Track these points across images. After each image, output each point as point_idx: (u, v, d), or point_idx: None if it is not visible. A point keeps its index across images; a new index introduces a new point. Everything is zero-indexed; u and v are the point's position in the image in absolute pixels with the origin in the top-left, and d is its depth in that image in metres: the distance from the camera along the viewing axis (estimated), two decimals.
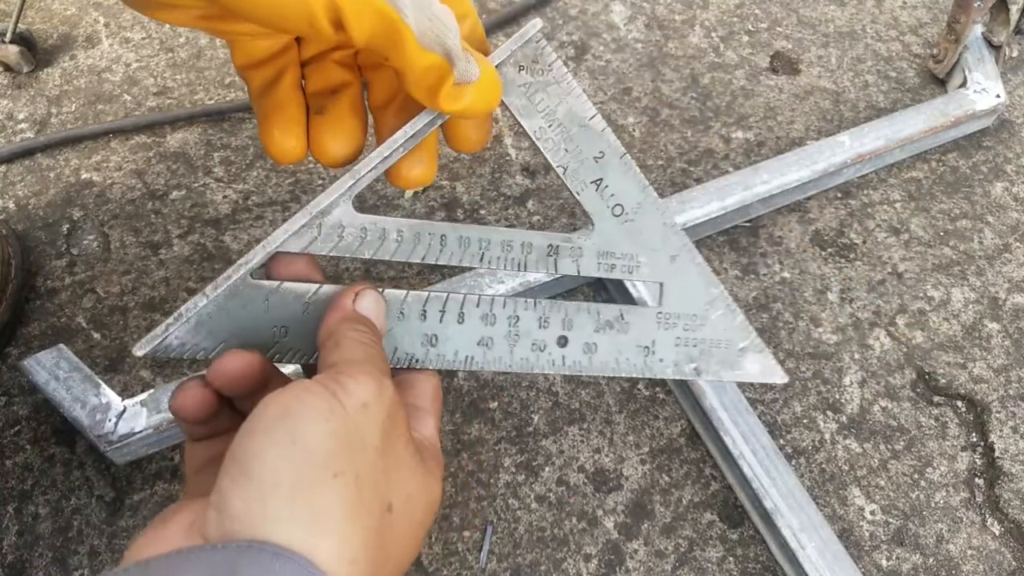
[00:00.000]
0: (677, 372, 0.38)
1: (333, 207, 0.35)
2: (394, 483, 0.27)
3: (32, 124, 0.86)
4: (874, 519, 0.63)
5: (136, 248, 0.77)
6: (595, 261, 0.37)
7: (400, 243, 0.36)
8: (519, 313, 0.36)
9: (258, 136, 0.35)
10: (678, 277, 0.38)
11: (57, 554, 0.60)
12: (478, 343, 0.36)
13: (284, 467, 0.24)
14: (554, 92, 0.36)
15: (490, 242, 0.36)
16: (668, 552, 0.61)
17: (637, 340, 0.37)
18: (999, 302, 0.75)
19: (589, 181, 0.37)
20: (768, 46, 0.96)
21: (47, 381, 0.61)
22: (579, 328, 0.37)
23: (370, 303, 0.33)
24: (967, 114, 0.84)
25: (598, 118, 0.37)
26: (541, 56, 0.36)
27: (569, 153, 0.37)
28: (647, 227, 0.37)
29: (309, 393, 0.26)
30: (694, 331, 0.38)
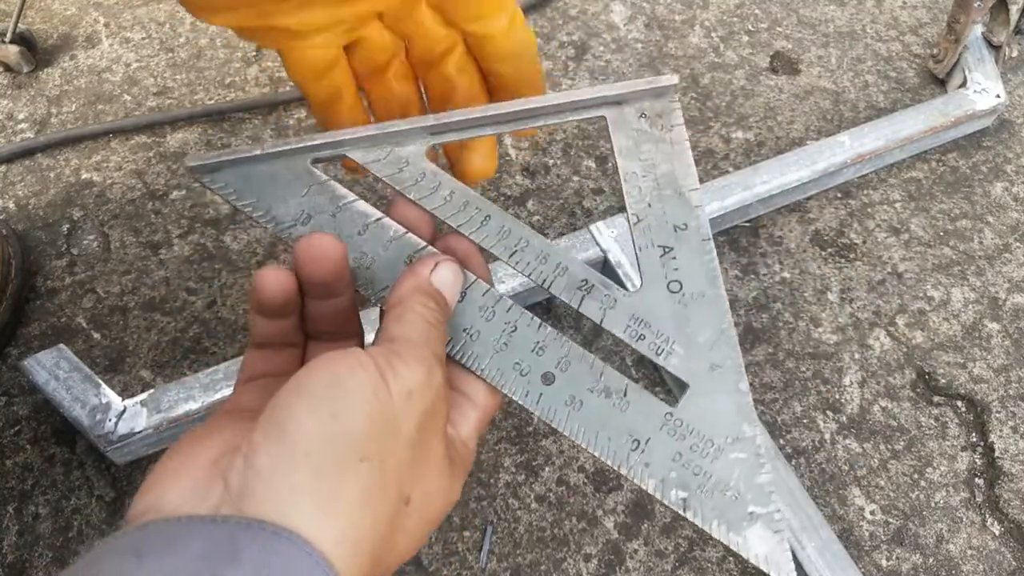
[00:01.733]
0: (659, 490, 0.31)
1: (408, 141, 0.35)
2: (418, 477, 0.27)
3: (32, 124, 0.86)
4: (874, 519, 0.63)
5: (136, 248, 0.77)
6: (625, 321, 0.34)
7: (447, 202, 0.35)
8: (518, 324, 0.33)
9: None
10: (710, 390, 0.33)
11: (57, 554, 0.60)
12: (464, 329, 0.33)
13: (317, 439, 0.24)
14: (664, 150, 0.35)
15: (528, 244, 0.35)
16: (668, 552, 0.61)
17: (631, 427, 0.32)
18: (999, 302, 0.75)
19: (658, 244, 0.34)
20: (768, 46, 0.96)
21: (47, 381, 0.61)
22: (573, 376, 0.33)
23: (447, 276, 0.32)
24: (967, 114, 0.84)
25: (698, 194, 0.35)
26: (667, 114, 0.35)
27: (651, 208, 0.35)
28: (700, 320, 0.34)
29: (361, 368, 0.26)
30: (702, 458, 0.32)
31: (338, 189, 0.35)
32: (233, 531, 0.22)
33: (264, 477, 0.23)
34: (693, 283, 0.34)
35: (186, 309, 0.72)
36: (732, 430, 0.33)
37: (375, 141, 0.35)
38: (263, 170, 0.35)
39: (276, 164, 0.35)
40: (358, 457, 0.24)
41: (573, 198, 0.81)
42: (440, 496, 0.29)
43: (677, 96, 0.36)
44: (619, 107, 0.36)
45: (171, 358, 0.69)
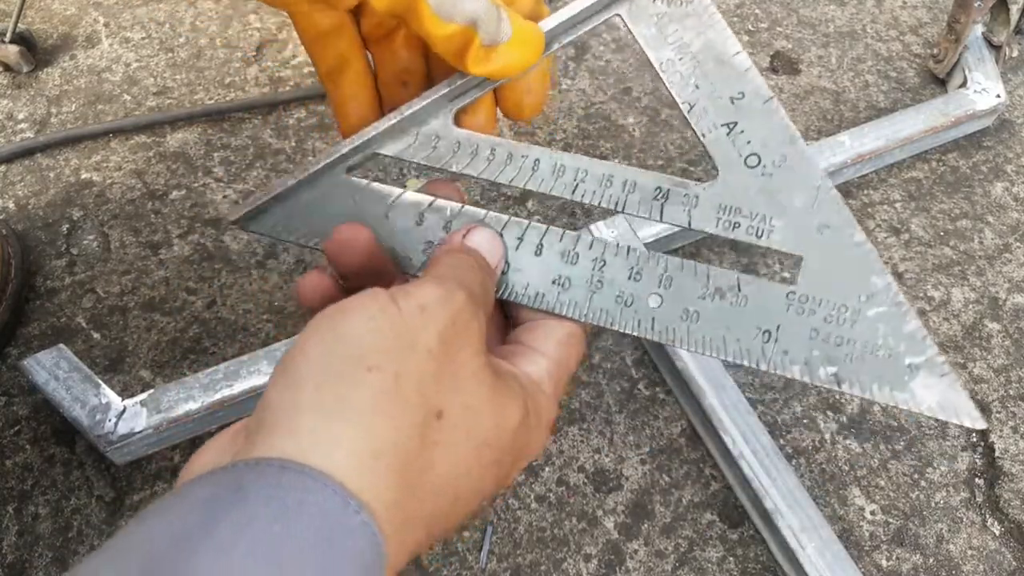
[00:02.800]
0: (807, 373, 0.30)
1: (431, 116, 0.34)
2: (449, 391, 0.25)
3: (32, 124, 0.86)
4: (874, 519, 0.63)
5: (136, 248, 0.77)
6: (714, 215, 0.31)
7: (491, 161, 0.34)
8: (606, 257, 0.32)
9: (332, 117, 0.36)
10: (827, 254, 0.31)
11: (57, 554, 0.60)
12: (553, 281, 0.32)
13: (318, 359, 0.23)
14: (692, 24, 0.32)
15: (588, 173, 0.33)
16: (668, 552, 0.61)
17: (757, 320, 0.30)
18: (999, 302, 0.75)
19: (720, 123, 0.32)
20: (768, 46, 0.96)
21: (47, 381, 0.61)
22: (679, 290, 0.31)
23: (480, 237, 0.32)
24: (967, 114, 0.84)
25: (743, 56, 0.32)
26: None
27: (700, 90, 0.32)
28: (791, 185, 0.31)
29: (369, 296, 0.25)
30: (839, 326, 0.30)
31: (382, 189, 0.35)
32: (240, 473, 0.21)
33: (273, 409, 0.23)
34: (770, 150, 0.32)
35: (186, 309, 0.72)
36: (862, 287, 0.31)
37: (400, 128, 0.34)
38: (303, 199, 0.34)
39: (313, 188, 0.34)
40: (364, 367, 0.23)
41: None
42: (487, 413, 0.26)
43: None
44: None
45: (171, 358, 0.69)
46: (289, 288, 0.74)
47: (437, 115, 0.34)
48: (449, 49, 0.31)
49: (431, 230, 0.34)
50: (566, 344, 0.31)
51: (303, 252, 0.76)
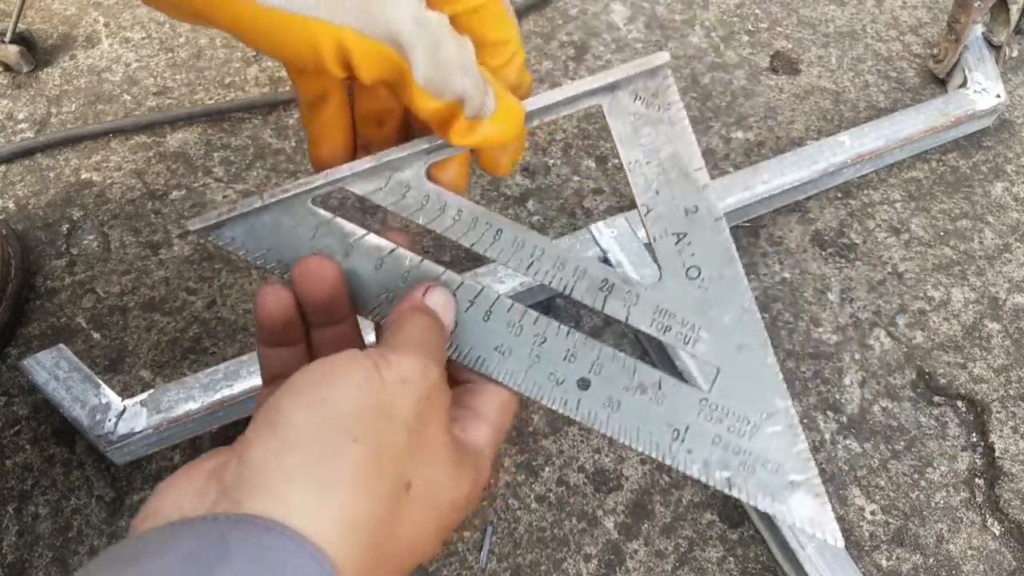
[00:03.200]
0: (704, 474, 0.32)
1: (406, 165, 0.35)
2: (418, 463, 0.27)
3: (32, 124, 0.86)
4: (874, 519, 0.63)
5: (136, 248, 0.77)
6: (650, 315, 0.34)
7: (456, 222, 0.35)
8: (547, 335, 0.33)
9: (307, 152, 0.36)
10: (740, 370, 0.33)
11: (57, 554, 0.60)
12: (495, 348, 0.33)
13: (307, 425, 0.24)
14: (664, 132, 0.35)
15: (544, 252, 0.34)
16: (668, 552, 0.61)
17: (669, 419, 0.33)
18: (999, 302, 0.75)
19: (671, 232, 0.35)
20: (768, 46, 0.96)
21: (47, 381, 0.61)
22: (607, 378, 0.33)
23: (439, 299, 0.33)
24: (967, 114, 0.84)
25: (704, 172, 0.35)
26: (663, 92, 0.35)
27: (659, 196, 0.35)
28: (722, 302, 0.34)
29: (353, 360, 0.26)
30: (739, 437, 0.33)
31: (345, 226, 0.35)
32: (223, 528, 0.22)
33: (256, 468, 0.23)
34: (710, 266, 0.34)
35: (186, 309, 0.72)
36: (765, 405, 0.33)
37: (373, 171, 0.35)
38: (266, 220, 0.35)
39: (277, 212, 0.35)
40: (350, 438, 0.24)
41: (573, 198, 0.81)
42: (447, 485, 0.28)
43: (670, 73, 0.35)
44: (613, 93, 0.35)
45: (171, 358, 0.69)
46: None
47: (412, 165, 0.35)
48: (434, 121, 0.32)
49: (389, 278, 0.35)
50: (505, 411, 0.33)
51: None
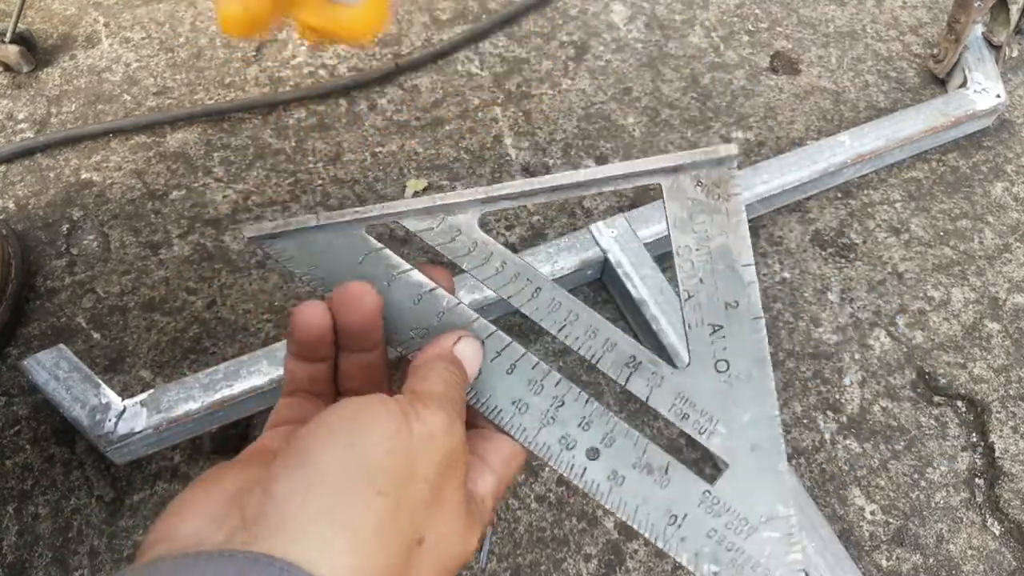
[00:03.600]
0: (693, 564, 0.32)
1: (460, 211, 0.36)
2: (433, 520, 0.27)
3: (32, 124, 0.86)
4: (874, 519, 0.63)
5: (136, 248, 0.77)
6: (670, 400, 0.34)
7: (498, 273, 0.35)
8: (566, 399, 0.34)
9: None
10: (750, 470, 0.34)
11: (57, 554, 0.60)
12: (513, 402, 0.34)
13: (334, 469, 0.24)
14: (719, 222, 0.35)
15: (578, 318, 0.35)
16: None
17: (669, 504, 0.33)
18: (999, 302, 0.75)
19: (708, 322, 0.35)
20: (768, 46, 0.96)
21: (47, 381, 0.61)
22: (616, 452, 0.33)
23: (469, 349, 0.33)
24: (967, 114, 0.84)
25: (752, 270, 0.35)
26: (726, 184, 0.35)
27: (703, 284, 0.35)
28: (744, 401, 0.34)
29: (384, 408, 0.27)
30: (736, 535, 0.33)
31: (392, 258, 0.36)
32: (241, 567, 0.22)
33: (280, 505, 0.24)
34: (741, 363, 0.34)
35: (186, 309, 0.72)
36: (767, 509, 0.33)
37: (429, 211, 0.36)
38: (319, 239, 0.36)
39: (331, 234, 0.36)
40: (375, 490, 0.25)
41: (573, 198, 0.81)
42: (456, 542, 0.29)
43: (736, 165, 0.35)
44: (675, 175, 0.36)
45: (171, 358, 0.69)
46: (289, 288, 0.74)
47: (466, 211, 0.36)
48: None
49: (424, 315, 0.35)
50: (511, 462, 0.33)
51: None
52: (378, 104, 0.89)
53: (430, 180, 0.82)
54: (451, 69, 0.92)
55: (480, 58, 0.93)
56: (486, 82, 0.91)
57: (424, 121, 0.87)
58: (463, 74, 0.92)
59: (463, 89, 0.90)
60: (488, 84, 0.91)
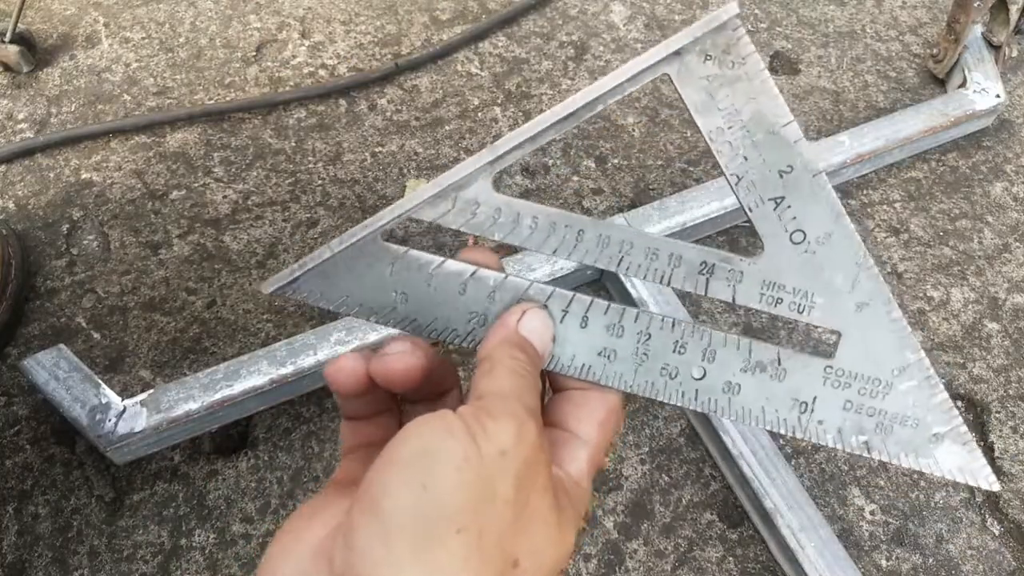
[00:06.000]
0: (840, 441, 0.32)
1: (470, 181, 0.34)
2: (522, 537, 0.26)
3: (32, 124, 0.86)
4: (874, 519, 0.63)
5: (136, 248, 0.77)
6: (757, 291, 0.32)
7: (534, 230, 0.33)
8: (651, 331, 0.33)
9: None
10: (863, 330, 0.32)
11: (57, 554, 0.60)
12: (599, 353, 0.32)
13: (411, 513, 0.24)
14: (742, 89, 0.32)
15: (632, 246, 0.33)
16: (668, 552, 0.61)
17: (793, 392, 0.32)
18: (999, 302, 0.75)
19: (767, 198, 0.32)
20: (768, 46, 0.96)
21: (47, 381, 0.61)
22: (722, 363, 0.32)
23: (535, 321, 0.32)
24: (967, 114, 0.84)
25: (793, 126, 0.32)
26: (735, 46, 0.32)
27: (748, 161, 0.32)
28: (833, 263, 0.32)
29: (450, 435, 0.26)
30: (872, 398, 0.32)
31: (422, 257, 0.34)
32: None
33: (363, 557, 0.24)
34: (815, 226, 0.32)
35: (186, 309, 0.72)
36: (896, 361, 0.32)
37: (439, 196, 0.34)
38: (340, 266, 0.34)
39: (349, 257, 0.34)
40: (454, 529, 0.24)
41: (573, 198, 0.81)
42: (550, 550, 0.27)
43: (740, 24, 0.32)
44: (680, 59, 0.33)
45: (171, 358, 0.69)
46: None
47: (476, 180, 0.34)
48: None
49: (475, 300, 0.33)
50: (606, 424, 0.32)
51: (303, 252, 0.76)
52: (378, 104, 0.89)
53: (430, 180, 0.82)
54: (451, 69, 0.92)
55: (480, 58, 0.93)
56: (486, 82, 0.91)
57: (424, 121, 0.87)
58: (463, 74, 0.92)
59: (463, 89, 0.90)
60: (488, 84, 0.91)
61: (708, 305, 0.73)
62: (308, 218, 0.79)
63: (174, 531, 0.61)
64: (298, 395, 0.65)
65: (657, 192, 0.81)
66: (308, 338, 0.64)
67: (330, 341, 0.63)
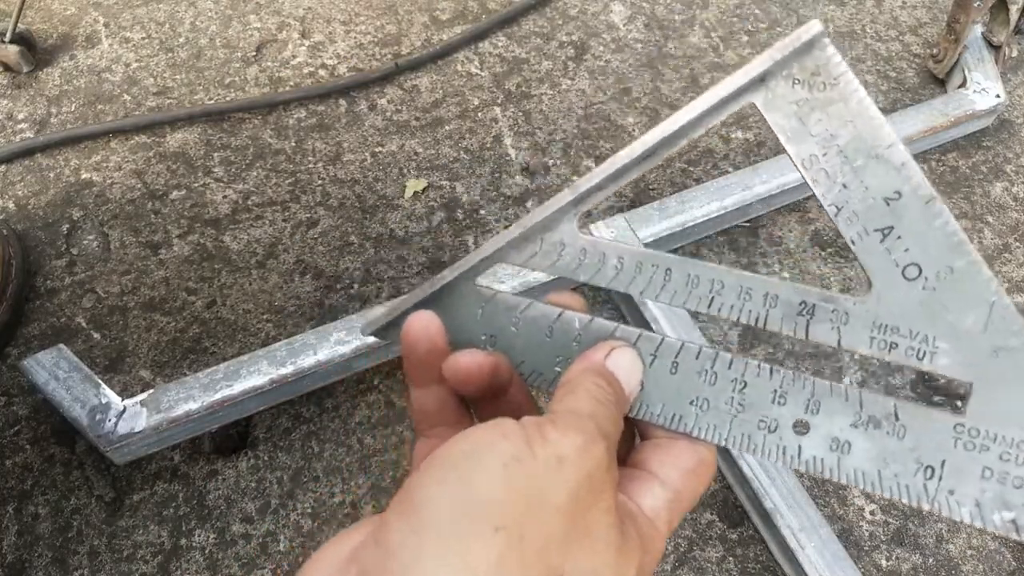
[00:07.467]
0: (976, 518, 0.27)
1: (556, 224, 0.32)
2: (574, 552, 0.24)
3: (32, 124, 0.86)
4: (874, 519, 0.63)
5: (136, 248, 0.77)
6: (867, 334, 0.29)
7: (619, 271, 0.32)
8: (747, 378, 0.30)
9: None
10: (1002, 380, 0.28)
11: (57, 554, 0.60)
12: (691, 402, 0.30)
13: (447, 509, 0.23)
14: (837, 112, 0.30)
15: (724, 285, 0.30)
16: (667, 552, 0.61)
17: (918, 454, 0.28)
18: None
19: (873, 229, 0.29)
20: (768, 46, 0.96)
21: (47, 381, 0.61)
22: (828, 415, 0.29)
23: (624, 360, 0.30)
24: (967, 114, 0.84)
25: (900, 149, 0.28)
26: (826, 67, 0.30)
27: (848, 190, 0.29)
28: (959, 302, 0.28)
29: (502, 437, 0.24)
30: (1018, 465, 0.27)
31: (509, 300, 0.33)
32: None
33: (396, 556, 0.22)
34: (932, 259, 0.28)
35: (186, 309, 0.72)
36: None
37: (525, 237, 0.33)
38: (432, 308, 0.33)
39: (443, 298, 0.33)
40: (492, 526, 0.22)
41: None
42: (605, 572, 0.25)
43: (829, 42, 0.30)
44: (765, 85, 0.31)
45: (171, 358, 0.69)
46: (289, 288, 0.74)
47: (561, 222, 0.32)
48: None
49: (561, 344, 0.32)
50: (693, 474, 0.29)
51: (303, 252, 0.76)
52: (378, 104, 0.89)
53: (430, 180, 0.82)
54: (451, 69, 0.92)
55: (480, 58, 0.93)
56: (486, 82, 0.91)
57: (424, 121, 0.87)
58: (463, 74, 0.92)
59: (463, 89, 0.90)
60: (488, 84, 0.91)
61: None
62: (308, 218, 0.79)
63: (174, 531, 0.61)
64: (298, 395, 0.65)
65: (657, 192, 0.81)
66: (308, 338, 0.64)
67: (330, 341, 0.63)
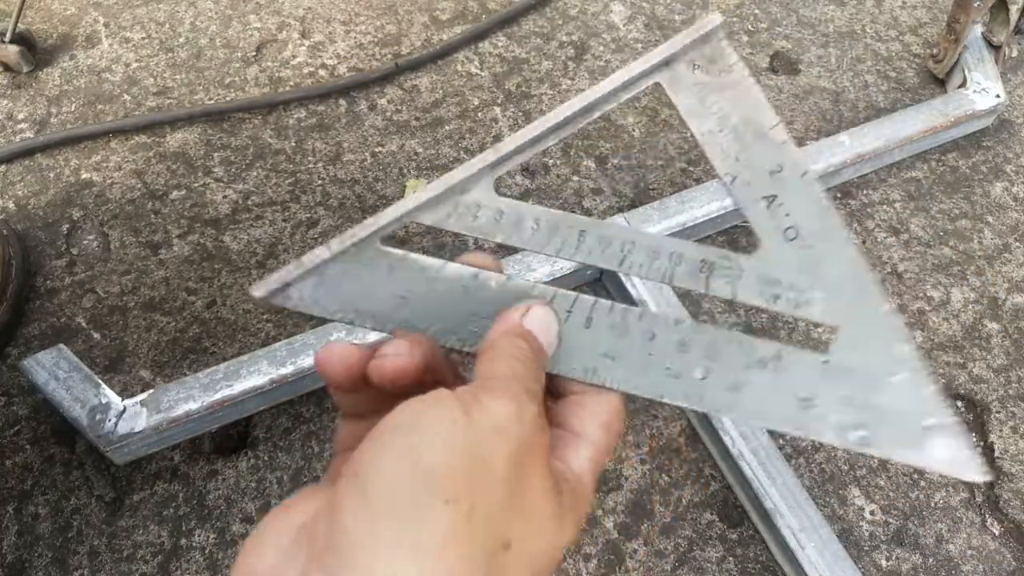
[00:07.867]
0: (839, 438, 0.32)
1: (472, 184, 0.34)
2: (517, 518, 0.25)
3: (32, 124, 0.86)
4: (874, 519, 0.63)
5: (136, 248, 0.77)
6: (756, 287, 0.33)
7: (536, 232, 0.34)
8: (655, 329, 0.32)
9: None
10: (859, 324, 0.33)
11: (57, 554, 0.60)
12: (603, 354, 0.32)
13: (397, 485, 0.23)
14: (730, 96, 0.34)
15: (635, 245, 0.33)
16: (668, 552, 0.61)
17: (795, 388, 0.32)
18: (999, 302, 0.75)
19: (760, 196, 0.33)
20: (768, 46, 0.96)
21: (47, 381, 0.61)
22: (725, 362, 0.32)
23: (538, 317, 0.31)
24: (967, 114, 0.84)
25: (780, 128, 0.33)
26: (720, 56, 0.33)
27: (740, 163, 0.33)
28: (828, 258, 0.33)
29: (442, 405, 0.25)
30: (867, 393, 0.32)
31: (422, 260, 0.33)
32: None
33: (348, 536, 0.23)
34: (808, 223, 0.33)
35: (186, 309, 0.72)
36: (888, 355, 0.32)
37: (439, 198, 0.34)
38: (336, 271, 0.33)
39: (346, 261, 0.33)
40: (442, 499, 0.23)
41: (573, 198, 0.81)
42: (546, 539, 0.26)
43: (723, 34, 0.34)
44: (669, 68, 0.34)
45: (171, 358, 0.69)
46: None
47: (478, 183, 0.34)
48: None
49: (477, 303, 0.33)
50: (609, 426, 0.31)
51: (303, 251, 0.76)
52: (378, 104, 0.89)
53: (430, 180, 0.82)
54: (451, 69, 0.92)
55: (480, 58, 0.93)
56: (486, 82, 0.91)
57: (424, 121, 0.87)
58: (463, 74, 0.92)
59: (463, 89, 0.90)
60: (488, 84, 0.91)
61: (708, 305, 0.73)
62: (308, 218, 0.79)
63: (174, 531, 0.61)
64: (298, 395, 0.65)
65: (657, 192, 0.81)
66: (308, 338, 0.64)
67: (330, 341, 0.63)
